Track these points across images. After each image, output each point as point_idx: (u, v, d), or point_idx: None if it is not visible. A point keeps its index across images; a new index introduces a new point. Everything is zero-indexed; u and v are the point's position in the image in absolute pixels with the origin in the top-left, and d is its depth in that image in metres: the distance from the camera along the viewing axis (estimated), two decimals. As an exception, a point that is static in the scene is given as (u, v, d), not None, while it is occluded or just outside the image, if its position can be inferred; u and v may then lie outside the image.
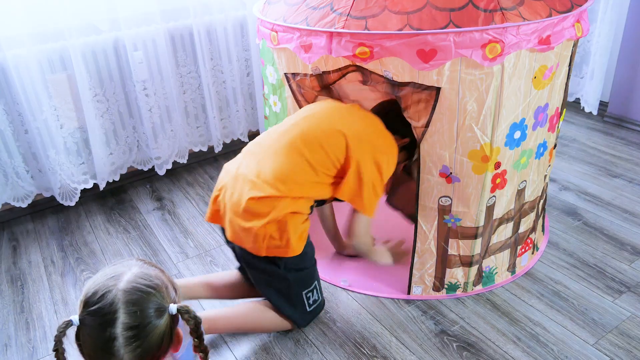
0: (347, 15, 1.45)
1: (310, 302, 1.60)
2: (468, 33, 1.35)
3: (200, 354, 0.91)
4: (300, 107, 1.75)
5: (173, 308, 0.86)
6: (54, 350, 0.86)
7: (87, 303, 0.85)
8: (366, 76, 1.54)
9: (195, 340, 0.89)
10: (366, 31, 1.40)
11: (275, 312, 1.58)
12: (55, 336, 0.85)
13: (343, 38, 1.44)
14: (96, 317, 0.83)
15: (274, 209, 1.43)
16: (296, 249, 1.47)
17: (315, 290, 1.60)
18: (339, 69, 1.57)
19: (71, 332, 0.88)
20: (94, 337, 0.84)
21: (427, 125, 1.50)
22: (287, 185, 1.45)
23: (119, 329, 0.82)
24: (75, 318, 0.85)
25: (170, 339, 0.89)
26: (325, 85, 1.64)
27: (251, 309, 1.59)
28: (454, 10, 1.37)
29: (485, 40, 1.35)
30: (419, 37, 1.36)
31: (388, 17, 1.41)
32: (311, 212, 1.55)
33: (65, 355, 0.87)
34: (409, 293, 1.77)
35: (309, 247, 1.55)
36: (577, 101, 3.26)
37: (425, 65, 1.39)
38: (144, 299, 0.85)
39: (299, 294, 1.56)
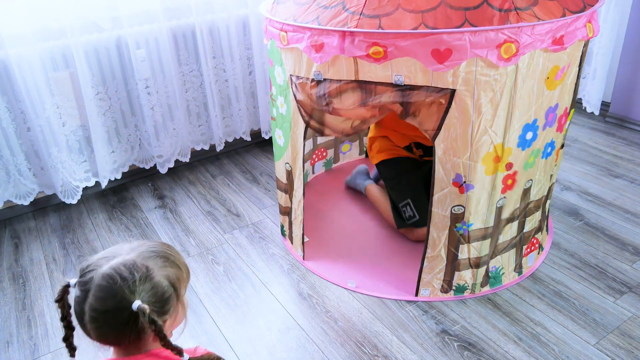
0: (360, 14, 1.42)
1: (407, 215, 1.99)
2: (484, 32, 1.33)
3: (170, 350, 0.92)
4: (300, 111, 1.73)
5: (135, 305, 0.86)
6: (56, 302, 0.93)
7: (79, 271, 0.91)
8: (367, 93, 1.51)
9: (161, 341, 0.89)
10: (380, 30, 1.38)
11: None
12: (56, 299, 0.93)
13: (356, 37, 1.41)
14: (78, 289, 0.90)
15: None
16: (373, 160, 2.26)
17: (408, 207, 1.98)
18: (339, 81, 1.53)
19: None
20: (74, 304, 0.90)
21: (438, 128, 1.49)
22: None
23: (87, 307, 0.87)
24: (73, 281, 0.91)
25: (138, 331, 0.89)
26: (322, 95, 1.60)
27: (384, 198, 2.17)
28: (469, 10, 1.35)
29: (500, 40, 1.34)
30: (434, 37, 1.34)
31: (402, 15, 1.38)
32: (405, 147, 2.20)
33: (71, 315, 0.93)
34: (416, 295, 1.77)
35: (390, 167, 2.15)
36: (579, 101, 3.26)
37: (440, 65, 1.37)
38: (112, 288, 0.87)
39: (396, 203, 2.03)
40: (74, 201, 2.41)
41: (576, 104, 3.22)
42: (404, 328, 1.65)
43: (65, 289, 0.92)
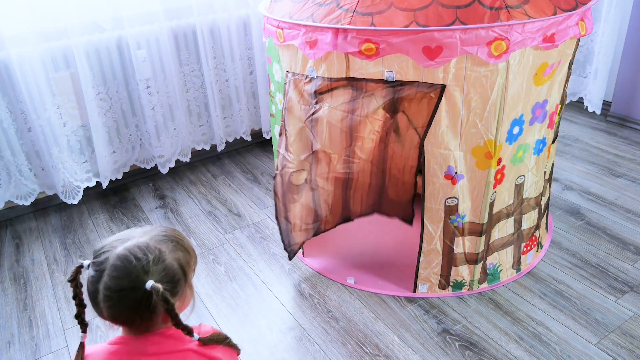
0: (353, 11, 1.45)
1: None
2: (474, 30, 1.35)
3: (181, 330, 0.95)
4: (288, 107, 1.73)
5: (148, 284, 0.89)
6: (69, 282, 0.96)
7: (93, 253, 0.95)
8: (358, 90, 1.52)
9: (172, 320, 0.92)
10: (372, 27, 1.40)
11: None
12: (68, 280, 0.97)
13: (349, 34, 1.44)
14: (92, 269, 0.93)
15: None
16: None
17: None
18: (330, 79, 1.55)
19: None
20: (88, 284, 0.94)
21: (429, 124, 1.50)
22: None
23: (101, 286, 0.90)
24: (87, 262, 0.95)
25: (150, 310, 0.91)
26: (313, 92, 1.61)
27: None
28: (460, 8, 1.37)
29: (491, 37, 1.36)
30: (425, 34, 1.36)
31: (394, 13, 1.41)
32: None
33: (82, 293, 0.96)
34: (415, 291, 1.77)
35: None
36: (580, 100, 3.26)
37: (431, 62, 1.40)
38: (126, 268, 0.90)
39: None
40: (75, 201, 2.41)
41: (578, 103, 3.23)
42: (406, 328, 1.65)
43: (79, 270, 0.95)
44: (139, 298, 0.90)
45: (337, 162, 1.74)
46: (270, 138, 2.94)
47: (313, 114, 1.62)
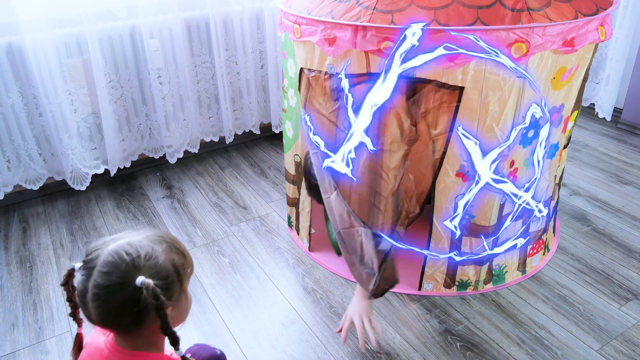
0: (373, 9, 1.43)
1: None
2: (495, 31, 1.34)
3: (168, 337, 0.91)
4: (305, 104, 1.74)
5: (139, 280, 0.86)
6: (62, 285, 0.94)
7: (85, 253, 0.92)
8: None
9: (160, 321, 0.88)
10: (392, 25, 1.39)
11: None
12: (61, 283, 0.94)
13: (368, 32, 1.42)
14: (82, 269, 0.90)
15: None
16: None
17: None
18: (352, 75, 1.54)
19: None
20: (78, 285, 0.90)
21: (450, 129, 1.49)
22: None
23: (90, 284, 0.87)
24: (78, 265, 0.92)
25: (139, 311, 0.88)
26: (334, 88, 1.61)
27: None
28: (481, 8, 1.36)
29: (511, 39, 1.35)
30: (445, 34, 1.35)
31: (415, 11, 1.39)
32: None
33: (76, 296, 0.93)
34: (420, 289, 1.77)
35: None
36: (591, 106, 3.24)
37: (450, 63, 1.38)
38: (117, 263, 0.87)
39: None
40: (83, 188, 2.42)
41: (589, 109, 3.22)
42: (407, 326, 1.66)
43: (71, 273, 0.93)
44: (127, 296, 0.86)
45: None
46: (280, 132, 2.94)
47: (337, 108, 1.62)
